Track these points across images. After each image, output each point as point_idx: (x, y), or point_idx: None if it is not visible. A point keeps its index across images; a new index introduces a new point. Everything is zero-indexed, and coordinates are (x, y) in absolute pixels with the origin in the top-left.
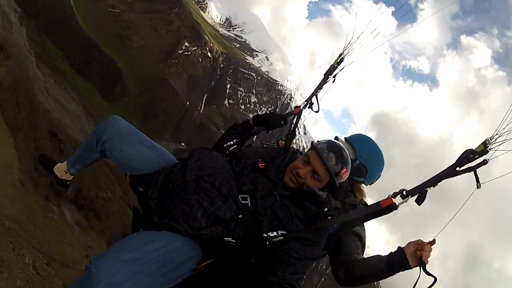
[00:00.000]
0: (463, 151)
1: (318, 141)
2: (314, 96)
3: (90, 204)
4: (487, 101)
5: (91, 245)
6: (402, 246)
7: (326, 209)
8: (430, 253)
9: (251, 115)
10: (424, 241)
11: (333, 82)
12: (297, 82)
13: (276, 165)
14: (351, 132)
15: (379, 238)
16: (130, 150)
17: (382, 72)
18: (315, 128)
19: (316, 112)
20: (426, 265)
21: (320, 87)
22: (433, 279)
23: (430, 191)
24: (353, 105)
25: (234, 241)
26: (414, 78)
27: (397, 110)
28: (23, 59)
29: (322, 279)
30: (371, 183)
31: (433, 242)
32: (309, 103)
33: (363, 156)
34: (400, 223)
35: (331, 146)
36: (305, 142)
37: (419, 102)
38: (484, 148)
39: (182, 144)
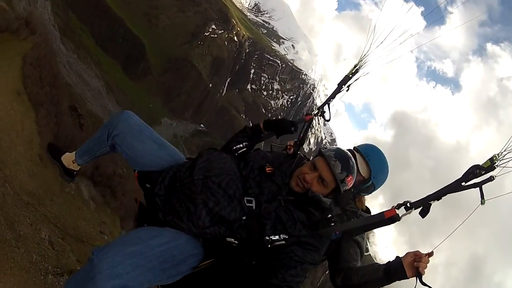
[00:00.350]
0: (471, 165)
1: (325, 147)
2: (327, 105)
3: (107, 181)
4: (507, 113)
5: (105, 221)
6: (400, 256)
7: (329, 215)
8: (427, 264)
9: (272, 102)
10: (423, 252)
11: (346, 91)
12: (321, 73)
13: (283, 170)
14: (371, 127)
15: (387, 238)
16: (140, 146)
17: (407, 71)
18: (335, 120)
19: (327, 121)
20: (423, 276)
21: (333, 96)
22: None
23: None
24: (375, 101)
25: (236, 242)
26: (438, 80)
27: (418, 110)
28: (48, 34)
29: (327, 272)
30: None
31: (431, 254)
32: (321, 111)
33: (376, 177)
34: (409, 224)
35: (338, 154)
36: (324, 133)
37: (440, 104)
38: (491, 165)
39: (202, 125)
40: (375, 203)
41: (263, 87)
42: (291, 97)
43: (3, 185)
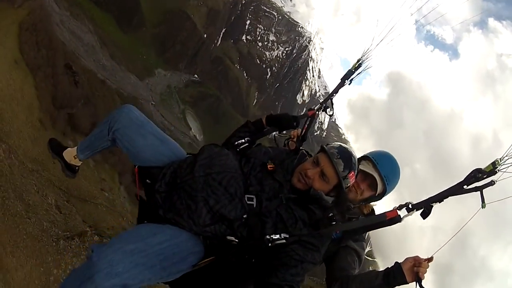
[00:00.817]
0: (473, 168)
1: (327, 144)
2: (330, 100)
3: None
4: (504, 88)
5: (104, 178)
6: (399, 262)
7: (331, 214)
8: (427, 269)
9: (267, 53)
10: (421, 257)
11: (349, 84)
12: (318, 26)
13: (285, 167)
14: (365, 84)
15: None
16: (141, 141)
17: (405, 32)
18: (330, 72)
19: (330, 116)
20: (422, 281)
21: (336, 91)
22: None
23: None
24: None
25: (236, 240)
26: (436, 45)
27: (414, 72)
28: None
29: None
30: None
31: (430, 259)
32: (323, 106)
33: (388, 191)
34: (400, 184)
35: (341, 150)
36: (318, 86)
37: (437, 69)
38: (492, 169)
39: (195, 76)
40: None
41: (259, 38)
42: (287, 49)
43: (9, 156)
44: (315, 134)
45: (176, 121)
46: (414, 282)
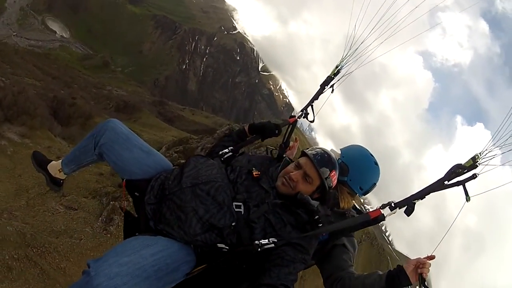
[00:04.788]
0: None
1: (307, 148)
2: (310, 106)
3: (13, 106)
4: None
5: (50, 146)
6: (401, 265)
7: (317, 216)
8: (429, 268)
9: None
10: (423, 258)
11: (331, 92)
12: None
13: (270, 174)
14: None
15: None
16: (127, 154)
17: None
18: None
19: (311, 122)
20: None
21: (316, 97)
22: None
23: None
24: None
25: (227, 247)
26: None
27: None
28: None
29: None
30: (365, 192)
31: (432, 257)
32: (304, 113)
33: (345, 156)
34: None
35: (321, 152)
36: None
37: None
38: (473, 163)
39: None
40: None
41: None
42: None
43: None
44: None
45: (41, 34)
46: (418, 282)
